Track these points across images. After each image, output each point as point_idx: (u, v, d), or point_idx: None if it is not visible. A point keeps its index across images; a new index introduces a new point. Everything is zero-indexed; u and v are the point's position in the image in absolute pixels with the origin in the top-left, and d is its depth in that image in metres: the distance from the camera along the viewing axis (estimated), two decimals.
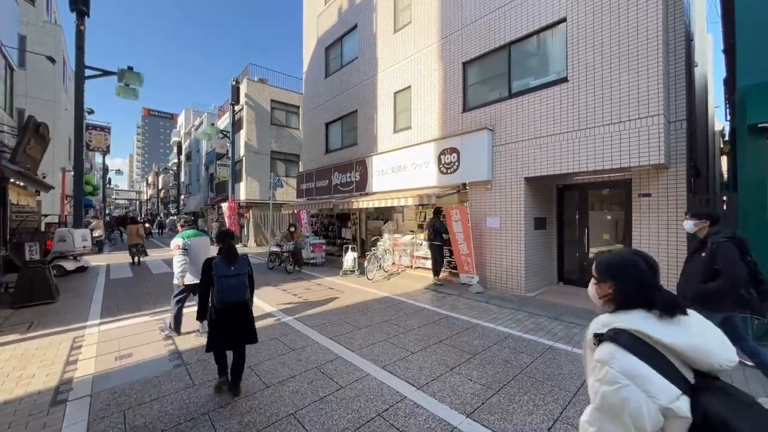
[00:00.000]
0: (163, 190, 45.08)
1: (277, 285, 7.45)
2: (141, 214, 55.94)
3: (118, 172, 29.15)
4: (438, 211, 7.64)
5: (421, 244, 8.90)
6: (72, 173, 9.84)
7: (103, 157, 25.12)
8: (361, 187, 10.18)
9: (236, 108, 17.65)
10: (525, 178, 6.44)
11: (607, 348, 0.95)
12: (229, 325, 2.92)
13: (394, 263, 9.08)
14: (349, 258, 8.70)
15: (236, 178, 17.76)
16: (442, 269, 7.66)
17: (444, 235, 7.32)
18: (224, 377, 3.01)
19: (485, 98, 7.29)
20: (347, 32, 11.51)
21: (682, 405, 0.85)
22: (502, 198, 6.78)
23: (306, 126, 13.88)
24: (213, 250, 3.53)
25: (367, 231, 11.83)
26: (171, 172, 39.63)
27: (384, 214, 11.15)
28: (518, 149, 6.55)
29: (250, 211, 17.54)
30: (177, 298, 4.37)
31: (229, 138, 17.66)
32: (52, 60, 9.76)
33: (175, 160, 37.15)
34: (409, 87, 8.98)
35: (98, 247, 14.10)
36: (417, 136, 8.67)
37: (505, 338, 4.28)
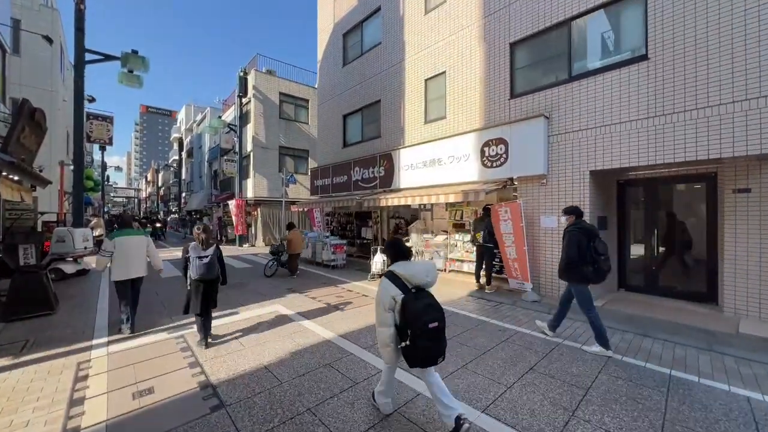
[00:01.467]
0: (163, 188, 44.13)
1: (304, 292, 6.66)
2: (140, 213, 54.93)
3: (118, 168, 28.27)
4: (486, 209, 6.83)
5: (456, 245, 8.13)
6: (71, 167, 8.99)
7: (102, 152, 24.19)
8: (387, 182, 9.39)
9: (243, 100, 16.78)
10: (590, 171, 5.67)
11: (383, 278, 2.41)
12: (205, 293, 3.94)
13: None
14: (378, 260, 7.91)
15: (243, 174, 16.92)
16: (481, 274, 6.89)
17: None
18: (202, 335, 3.99)
19: (538, 82, 6.50)
20: (369, 16, 10.68)
21: (399, 297, 2.25)
22: (561, 194, 6.00)
23: (321, 118, 13.05)
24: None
25: (389, 231, 11.04)
26: (171, 169, 38.69)
27: (401, 212, 10.37)
28: (582, 139, 5.77)
29: (258, 210, 16.72)
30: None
31: (236, 132, 16.80)
32: (49, 40, 8.89)
33: (176, 157, 36.23)
34: (444, 73, 8.17)
35: (99, 247, 13.23)
36: (453, 127, 7.88)
37: (604, 363, 3.52)
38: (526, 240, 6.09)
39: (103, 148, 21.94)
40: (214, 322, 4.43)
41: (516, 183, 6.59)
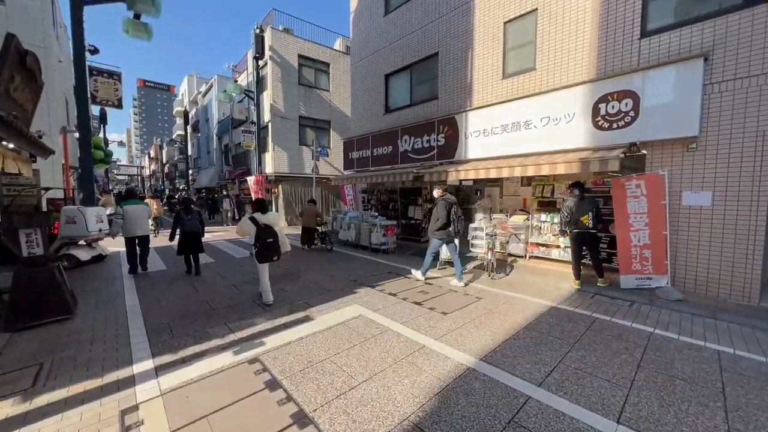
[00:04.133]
0: (168, 165, 42.50)
1: (374, 285, 5.42)
2: (144, 190, 53.56)
3: (121, 143, 26.63)
4: (580, 186, 5.37)
5: (540, 227, 6.80)
6: (76, 135, 7.57)
7: (103, 125, 22.49)
8: (448, 152, 7.93)
9: (260, 63, 14.96)
10: None
11: (245, 218, 4.42)
12: (188, 243, 5.96)
13: (506, 253, 7.03)
14: (450, 246, 6.62)
15: (261, 147, 15.39)
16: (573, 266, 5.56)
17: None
18: (189, 270, 6.07)
19: (687, 13, 4.89)
20: None
21: (254, 229, 4.31)
22: (720, 162, 4.58)
23: (356, 80, 11.34)
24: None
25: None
26: (176, 145, 36.93)
27: (454, 188, 8.99)
28: (759, 88, 4.26)
29: (280, 186, 15.33)
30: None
31: (253, 99, 15.10)
32: None
33: (180, 132, 34.37)
34: (534, 11, 6.49)
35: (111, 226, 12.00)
36: (547, 80, 6.32)
37: None
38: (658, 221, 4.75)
39: (104, 120, 20.28)
40: (294, 334, 3.23)
41: (647, 149, 5.15)
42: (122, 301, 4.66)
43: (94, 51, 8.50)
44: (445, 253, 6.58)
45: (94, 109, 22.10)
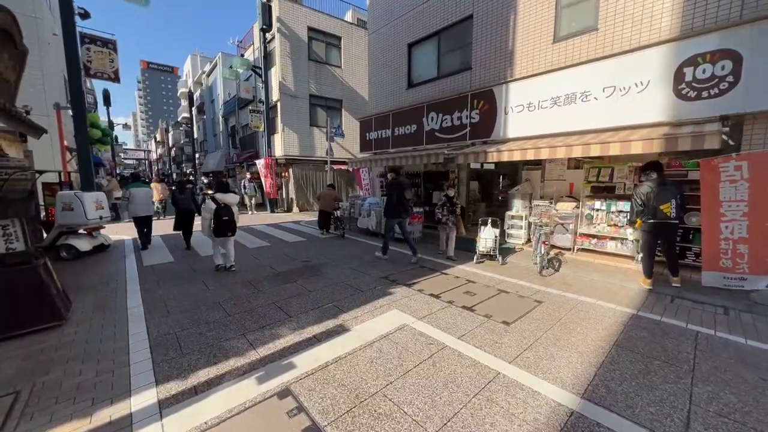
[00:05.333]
0: (174, 149, 41.87)
1: (410, 283, 4.70)
2: (152, 175, 53.27)
3: (126, 126, 25.93)
4: (658, 168, 4.47)
5: (593, 216, 5.96)
6: (70, 112, 6.84)
7: (107, 109, 21.78)
8: (484, 131, 7.03)
9: (267, 36, 13.88)
10: None
11: (209, 199, 5.09)
12: (182, 220, 6.81)
13: (550, 245, 6.23)
14: (489, 236, 5.85)
15: (270, 128, 14.53)
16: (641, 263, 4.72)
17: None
18: (188, 246, 6.88)
19: None
20: None
21: (213, 206, 4.98)
22: None
23: (373, 52, 10.29)
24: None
25: (469, 195, 8.88)
26: (182, 128, 36.14)
27: (484, 171, 8.10)
28: None
29: (290, 170, 14.57)
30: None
31: (260, 76, 14.12)
32: None
33: (186, 114, 33.46)
34: None
35: (115, 213, 11.49)
36: (612, 42, 5.32)
37: None
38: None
39: (108, 101, 19.49)
40: (329, 351, 2.55)
41: (746, 121, 4.22)
42: (123, 302, 4.03)
43: (85, 15, 7.61)
44: (483, 246, 5.83)
45: (97, 88, 21.27)
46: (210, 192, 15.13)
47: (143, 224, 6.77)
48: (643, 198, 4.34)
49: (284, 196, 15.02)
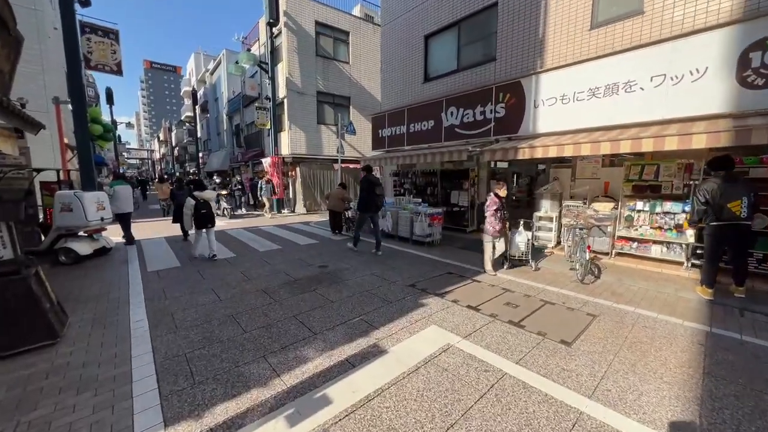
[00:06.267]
0: (177, 148, 41.58)
1: (441, 293, 4.25)
2: (155, 174, 53.04)
3: (129, 125, 25.55)
4: (728, 163, 3.99)
5: (632, 219, 5.47)
6: (70, 106, 6.43)
7: (111, 106, 21.44)
8: (509, 126, 6.56)
9: (274, 31, 13.44)
10: None
11: (190, 198, 5.76)
12: (180, 214, 6.57)
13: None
14: (522, 240, 5.39)
15: (277, 126, 14.11)
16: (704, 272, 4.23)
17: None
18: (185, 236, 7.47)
19: None
20: None
21: (192, 203, 5.72)
22: None
23: (387, 45, 9.83)
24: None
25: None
26: (185, 127, 35.82)
27: (502, 170, 7.62)
28: None
29: (297, 169, 14.14)
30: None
31: (267, 72, 13.70)
32: None
33: (189, 113, 33.12)
34: None
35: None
36: (661, 26, 4.83)
37: None
38: None
39: (111, 100, 19.12)
40: (367, 380, 2.11)
41: None
42: (126, 315, 3.61)
43: (85, 2, 7.18)
44: (516, 250, 5.36)
45: (100, 85, 20.83)
46: (224, 192, 14.82)
47: (124, 220, 7.16)
48: (707, 195, 3.86)
49: (291, 196, 14.60)
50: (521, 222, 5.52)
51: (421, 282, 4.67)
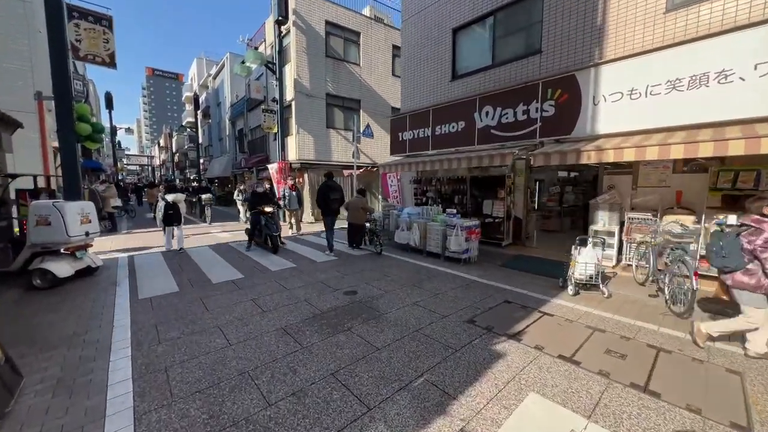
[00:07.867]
0: (178, 154, 40.80)
1: (510, 332, 3.32)
2: (155, 180, 52.10)
3: (128, 130, 24.83)
4: None
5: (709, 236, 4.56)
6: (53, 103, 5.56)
7: (110, 110, 20.65)
8: (561, 126, 5.71)
9: (282, 29, 12.72)
10: None
11: (162, 200, 7.09)
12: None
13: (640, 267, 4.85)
14: (590, 260, 4.47)
15: (284, 130, 13.30)
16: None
17: None
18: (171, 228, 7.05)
19: None
20: None
21: (164, 203, 6.96)
22: None
23: (408, 41, 9.06)
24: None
25: (527, 203, 7.53)
26: (186, 133, 35.10)
27: (542, 176, 6.74)
28: None
29: (305, 176, 13.29)
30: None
31: (274, 73, 12.95)
32: None
33: (190, 119, 32.41)
34: None
35: (112, 223, 10.19)
36: (765, 3, 4.02)
37: None
38: None
39: (110, 105, 18.33)
40: None
41: None
42: (104, 372, 2.66)
43: None
44: (582, 272, 4.45)
45: (100, 89, 20.08)
46: (207, 197, 14.17)
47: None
48: None
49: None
50: (589, 238, 4.61)
51: (480, 315, 3.75)
